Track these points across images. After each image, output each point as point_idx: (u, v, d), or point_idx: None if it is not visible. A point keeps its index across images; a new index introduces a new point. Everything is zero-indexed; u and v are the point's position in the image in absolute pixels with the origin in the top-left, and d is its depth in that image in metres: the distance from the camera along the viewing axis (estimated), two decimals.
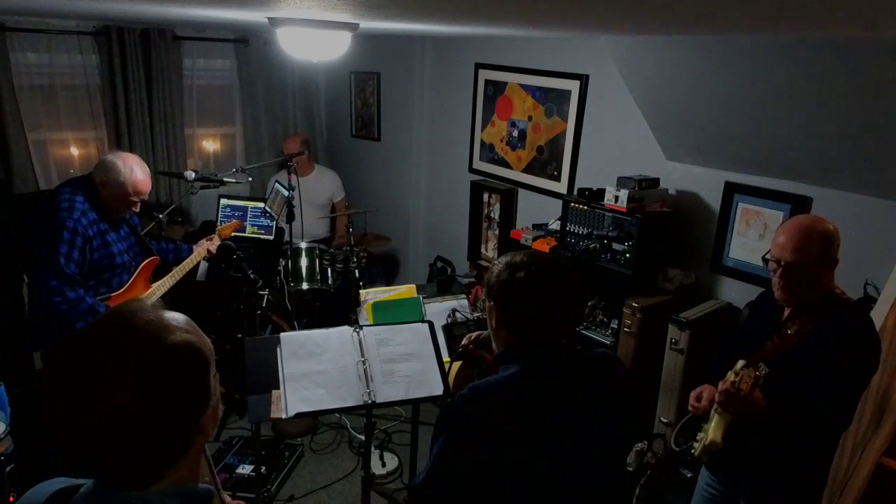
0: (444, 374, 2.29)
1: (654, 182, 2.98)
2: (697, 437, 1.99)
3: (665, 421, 2.80)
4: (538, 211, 3.83)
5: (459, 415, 1.38)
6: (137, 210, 2.75)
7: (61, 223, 2.47)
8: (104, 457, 0.78)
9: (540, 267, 1.42)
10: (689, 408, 2.05)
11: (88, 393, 0.76)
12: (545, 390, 1.41)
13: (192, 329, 0.86)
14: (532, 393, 1.40)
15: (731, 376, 1.93)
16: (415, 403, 2.69)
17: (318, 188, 4.58)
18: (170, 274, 2.93)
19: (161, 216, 3.37)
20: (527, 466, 1.36)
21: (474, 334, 1.83)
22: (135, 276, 2.76)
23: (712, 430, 1.87)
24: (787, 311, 1.93)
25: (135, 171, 2.62)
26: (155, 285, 2.86)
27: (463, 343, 1.84)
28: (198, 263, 3.10)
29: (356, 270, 3.71)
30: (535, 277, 1.41)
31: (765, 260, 1.89)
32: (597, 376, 1.50)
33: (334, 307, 4.01)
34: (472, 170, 4.30)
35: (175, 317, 0.86)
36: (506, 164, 4.03)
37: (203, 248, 3.08)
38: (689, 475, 2.59)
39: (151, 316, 0.83)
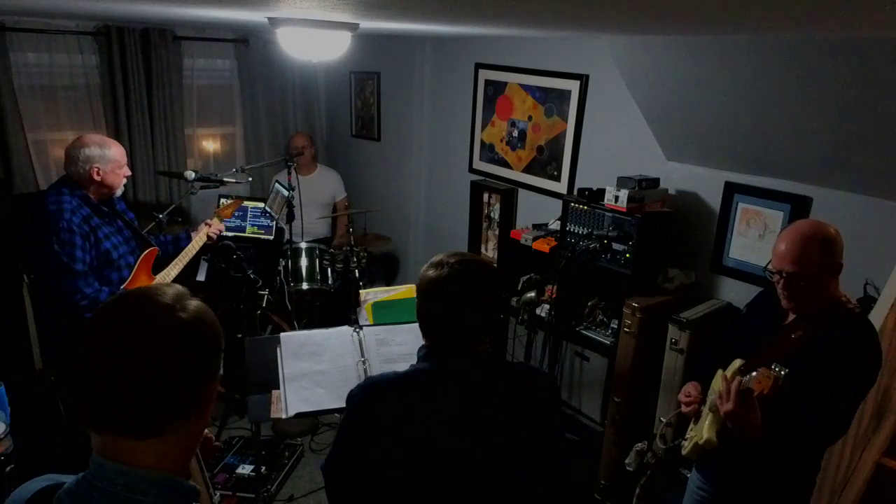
0: None
1: (654, 182, 2.98)
2: (686, 435, 1.96)
3: (665, 421, 2.80)
4: (538, 211, 3.83)
5: (354, 403, 1.44)
6: (129, 175, 2.78)
7: (55, 226, 2.49)
8: (114, 409, 0.87)
9: (452, 269, 1.40)
10: (683, 407, 2.04)
11: (112, 359, 0.86)
12: (444, 390, 1.41)
13: (205, 309, 0.97)
14: (429, 390, 1.42)
15: (720, 374, 1.91)
16: None
17: (322, 187, 4.62)
18: (172, 263, 2.95)
19: (161, 216, 3.36)
20: (414, 459, 1.40)
21: None
22: (136, 269, 2.76)
23: (707, 429, 1.83)
24: (790, 315, 1.90)
25: (107, 142, 2.67)
26: (159, 276, 2.88)
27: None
28: (199, 262, 3.09)
29: (356, 270, 3.71)
30: (442, 279, 1.39)
31: (768, 272, 1.86)
32: (512, 390, 1.47)
33: (334, 307, 4.02)
34: (472, 170, 4.30)
35: (189, 296, 0.98)
36: (506, 164, 4.03)
37: (203, 233, 3.09)
38: (689, 475, 2.58)
39: (168, 295, 0.94)
